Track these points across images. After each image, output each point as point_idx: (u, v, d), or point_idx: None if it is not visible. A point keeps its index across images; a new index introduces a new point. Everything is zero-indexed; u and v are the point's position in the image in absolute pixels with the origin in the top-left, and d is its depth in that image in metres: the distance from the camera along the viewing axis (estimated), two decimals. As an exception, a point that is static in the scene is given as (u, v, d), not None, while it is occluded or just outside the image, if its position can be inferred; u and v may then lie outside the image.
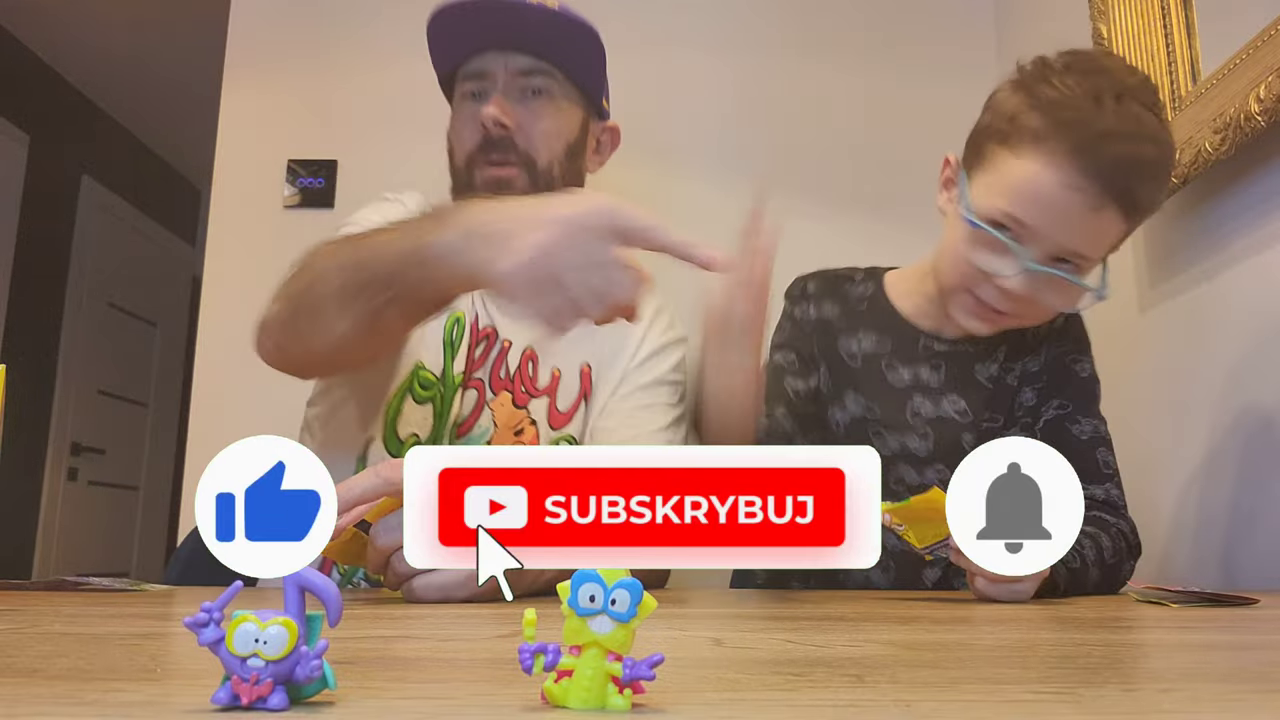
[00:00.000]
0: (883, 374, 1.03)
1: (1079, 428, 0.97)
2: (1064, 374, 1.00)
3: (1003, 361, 1.02)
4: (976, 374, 1.01)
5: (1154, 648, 0.46)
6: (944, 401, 1.01)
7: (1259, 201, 1.03)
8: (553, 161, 1.03)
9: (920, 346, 1.03)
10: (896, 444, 1.00)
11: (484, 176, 1.01)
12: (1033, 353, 1.01)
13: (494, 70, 1.03)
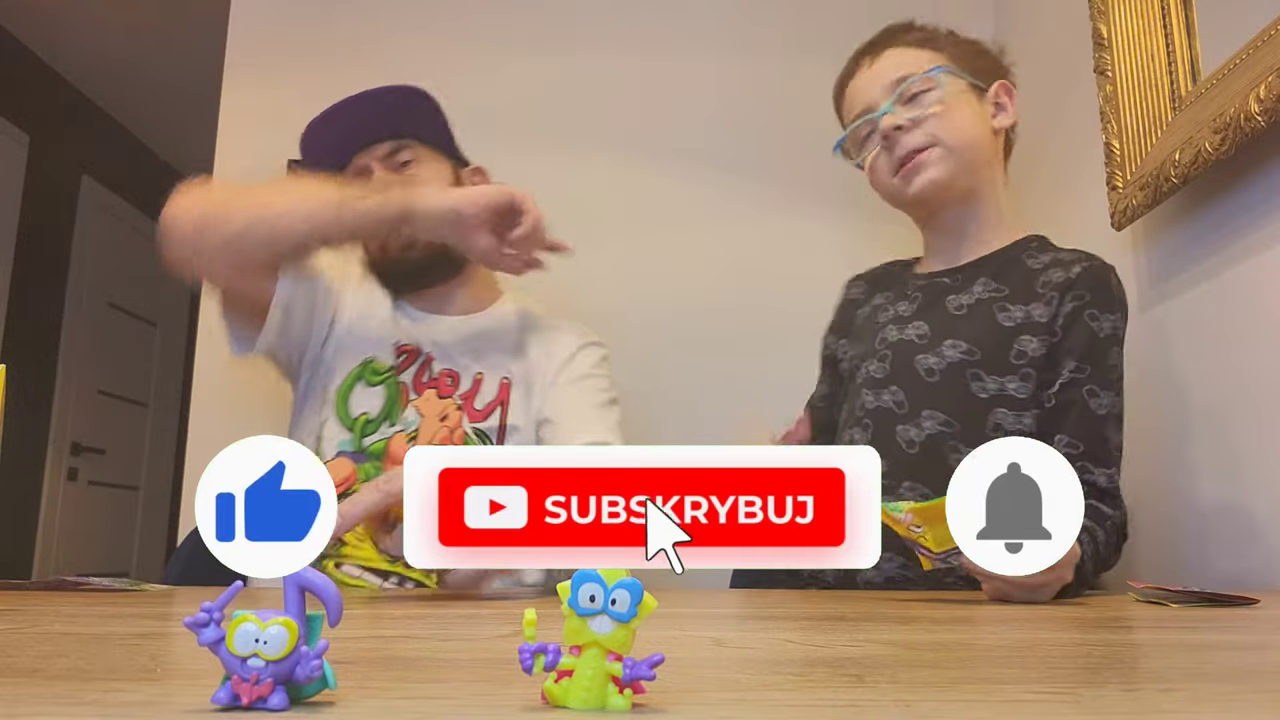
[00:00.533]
0: (876, 318, 1.12)
1: (1098, 400, 0.95)
2: (1082, 331, 0.97)
3: (986, 294, 1.03)
4: (948, 303, 1.05)
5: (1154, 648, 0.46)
6: (909, 327, 1.06)
7: (1259, 201, 1.03)
8: None
9: (908, 286, 1.11)
10: (863, 372, 1.07)
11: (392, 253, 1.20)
12: (1042, 300, 0.99)
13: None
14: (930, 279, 1.10)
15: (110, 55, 3.60)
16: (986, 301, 1.03)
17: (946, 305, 1.05)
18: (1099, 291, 0.98)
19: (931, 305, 1.07)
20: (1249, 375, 1.05)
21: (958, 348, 1.01)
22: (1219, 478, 1.10)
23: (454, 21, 1.84)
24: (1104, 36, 1.29)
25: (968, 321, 1.02)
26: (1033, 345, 0.98)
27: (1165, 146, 1.16)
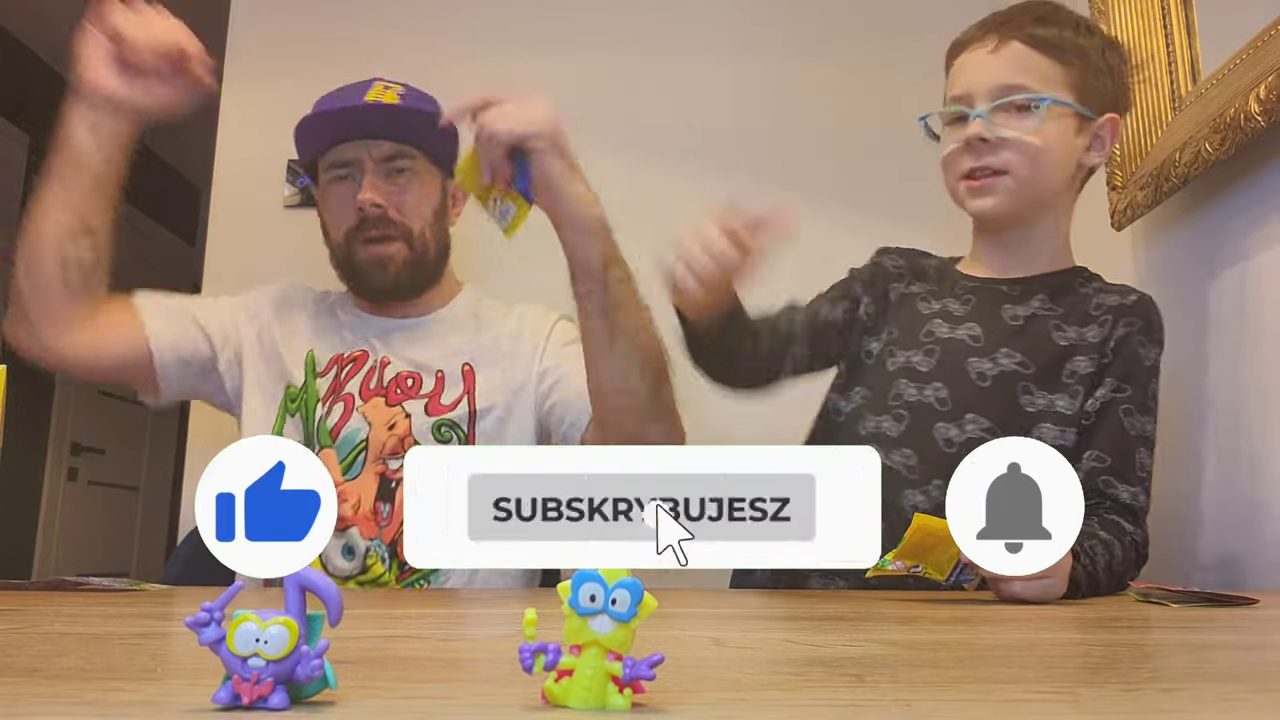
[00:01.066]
0: (915, 307, 1.08)
1: (1132, 420, 0.96)
2: (1129, 356, 0.98)
3: (1042, 310, 1.02)
4: (1003, 312, 1.04)
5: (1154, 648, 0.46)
6: (960, 328, 1.04)
7: (1259, 201, 1.03)
8: (424, 227, 1.17)
9: (955, 285, 1.09)
10: (903, 359, 1.04)
11: (366, 255, 1.15)
12: (1095, 322, 1.00)
13: (359, 157, 1.15)
14: (984, 284, 1.07)
15: (110, 55, 3.60)
16: (1042, 318, 1.02)
17: (1002, 314, 1.04)
18: (1150, 322, 1.00)
19: (986, 311, 1.05)
20: (1249, 375, 1.05)
21: (1013, 358, 1.00)
22: (1219, 477, 1.10)
23: (453, 21, 1.84)
24: (1104, 36, 1.29)
25: (1023, 335, 1.01)
26: (1084, 365, 0.99)
27: (1165, 146, 1.16)
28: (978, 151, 1.01)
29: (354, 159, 1.16)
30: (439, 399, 1.15)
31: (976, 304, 1.06)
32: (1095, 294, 1.03)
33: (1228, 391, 1.09)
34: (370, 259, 1.15)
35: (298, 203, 1.81)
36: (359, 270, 1.16)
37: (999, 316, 1.04)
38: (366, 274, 1.16)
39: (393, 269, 1.15)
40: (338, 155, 1.17)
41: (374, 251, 1.15)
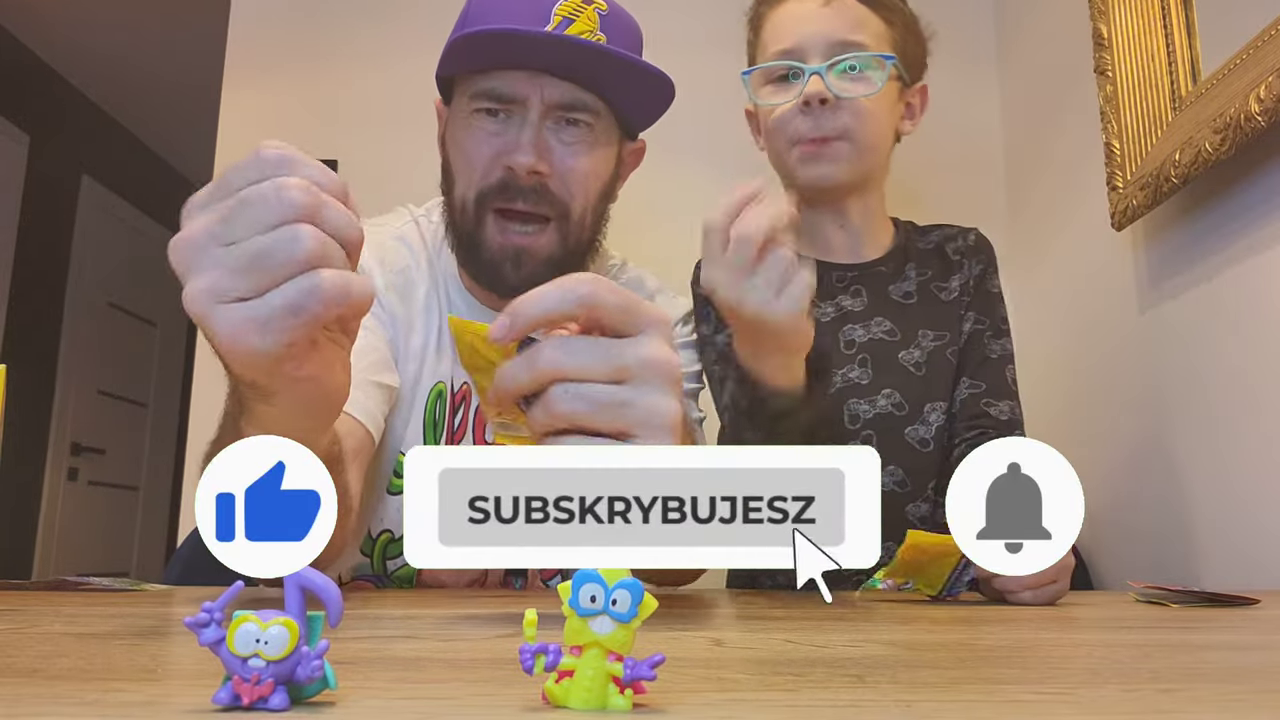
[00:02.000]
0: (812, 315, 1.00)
1: (996, 344, 1.02)
2: (982, 290, 1.04)
3: (920, 278, 1.05)
4: (891, 293, 1.04)
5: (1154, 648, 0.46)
6: (873, 325, 1.03)
7: (1259, 201, 1.03)
8: (586, 208, 0.88)
9: (835, 280, 1.05)
10: (839, 379, 1.00)
11: (499, 241, 0.85)
12: (957, 270, 1.05)
13: (526, 96, 0.84)
14: (863, 270, 1.05)
15: (110, 55, 3.60)
16: (924, 285, 1.05)
17: (892, 295, 1.04)
18: (991, 254, 1.07)
19: (880, 298, 1.04)
20: (1249, 375, 1.05)
21: (928, 335, 1.02)
22: (1219, 477, 1.10)
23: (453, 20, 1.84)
24: (1104, 36, 1.29)
25: (924, 310, 1.03)
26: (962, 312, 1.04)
27: (1165, 146, 1.16)
28: (816, 114, 0.95)
29: (518, 95, 0.84)
30: None
31: (868, 294, 1.04)
32: (941, 243, 1.07)
33: (1228, 391, 1.09)
34: (503, 248, 0.86)
35: (298, 203, 1.81)
36: (485, 258, 0.87)
37: (894, 300, 1.04)
38: (495, 265, 0.86)
39: (529, 265, 0.85)
40: (495, 84, 0.85)
41: (511, 239, 0.85)
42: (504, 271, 0.86)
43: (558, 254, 0.86)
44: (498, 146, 0.85)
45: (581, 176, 0.87)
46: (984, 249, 1.07)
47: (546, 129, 0.85)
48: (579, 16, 0.83)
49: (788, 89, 0.97)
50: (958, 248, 1.06)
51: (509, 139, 0.84)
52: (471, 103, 0.86)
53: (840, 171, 0.98)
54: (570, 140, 0.86)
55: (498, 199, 0.85)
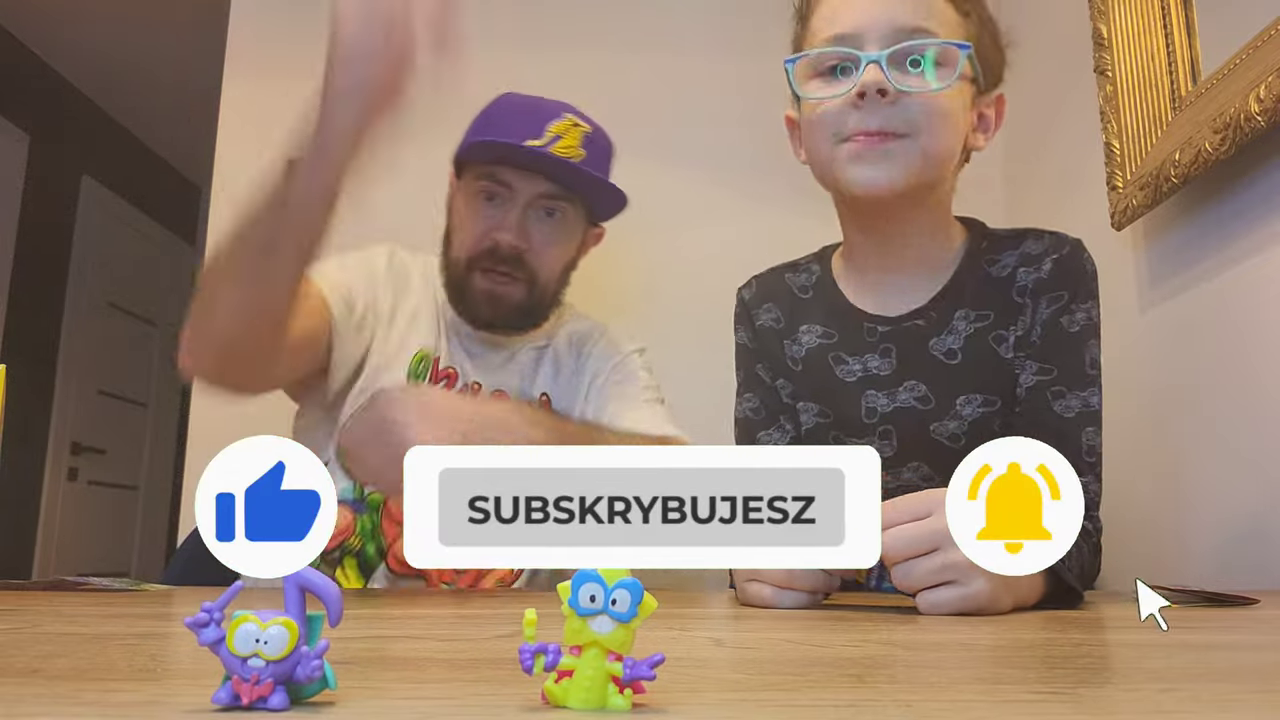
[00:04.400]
0: (831, 369, 0.90)
1: (1063, 402, 0.81)
2: (1054, 330, 0.84)
3: (971, 327, 0.86)
4: (932, 350, 0.87)
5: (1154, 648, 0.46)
6: (900, 391, 0.87)
7: (1259, 201, 1.03)
8: (551, 278, 1.13)
9: (865, 332, 0.89)
10: None
11: (484, 287, 1.09)
12: (1021, 311, 0.85)
13: (518, 187, 1.09)
14: (896, 325, 0.89)
15: (110, 55, 3.60)
16: (978, 337, 0.86)
17: (934, 354, 0.87)
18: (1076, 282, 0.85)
19: (915, 358, 0.87)
20: (1249, 375, 1.05)
21: (973, 402, 0.85)
22: (1219, 477, 1.10)
23: (454, 21, 1.84)
24: (1104, 36, 1.29)
25: (969, 369, 0.86)
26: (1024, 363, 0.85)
27: (1165, 146, 1.16)
28: (873, 107, 0.79)
29: (511, 184, 1.09)
30: None
31: (899, 353, 0.88)
32: (1010, 269, 0.87)
33: (1228, 391, 1.09)
34: (484, 293, 1.10)
35: (298, 203, 1.81)
36: (468, 297, 1.11)
37: (933, 359, 0.87)
38: (475, 304, 1.11)
39: (504, 308, 1.10)
40: (495, 172, 1.09)
41: (491, 288, 1.09)
42: (481, 310, 1.11)
43: (525, 304, 1.11)
44: (490, 224, 1.09)
45: (552, 255, 1.12)
46: (1064, 278, 0.84)
47: (529, 215, 1.09)
48: (567, 134, 1.08)
49: (839, 83, 0.81)
50: (1023, 283, 0.85)
51: (498, 220, 1.09)
52: (476, 183, 1.10)
53: (898, 175, 0.80)
54: (547, 227, 1.11)
55: (484, 262, 1.09)
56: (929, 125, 0.80)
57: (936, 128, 0.80)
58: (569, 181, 1.09)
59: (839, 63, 0.82)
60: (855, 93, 0.79)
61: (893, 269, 0.90)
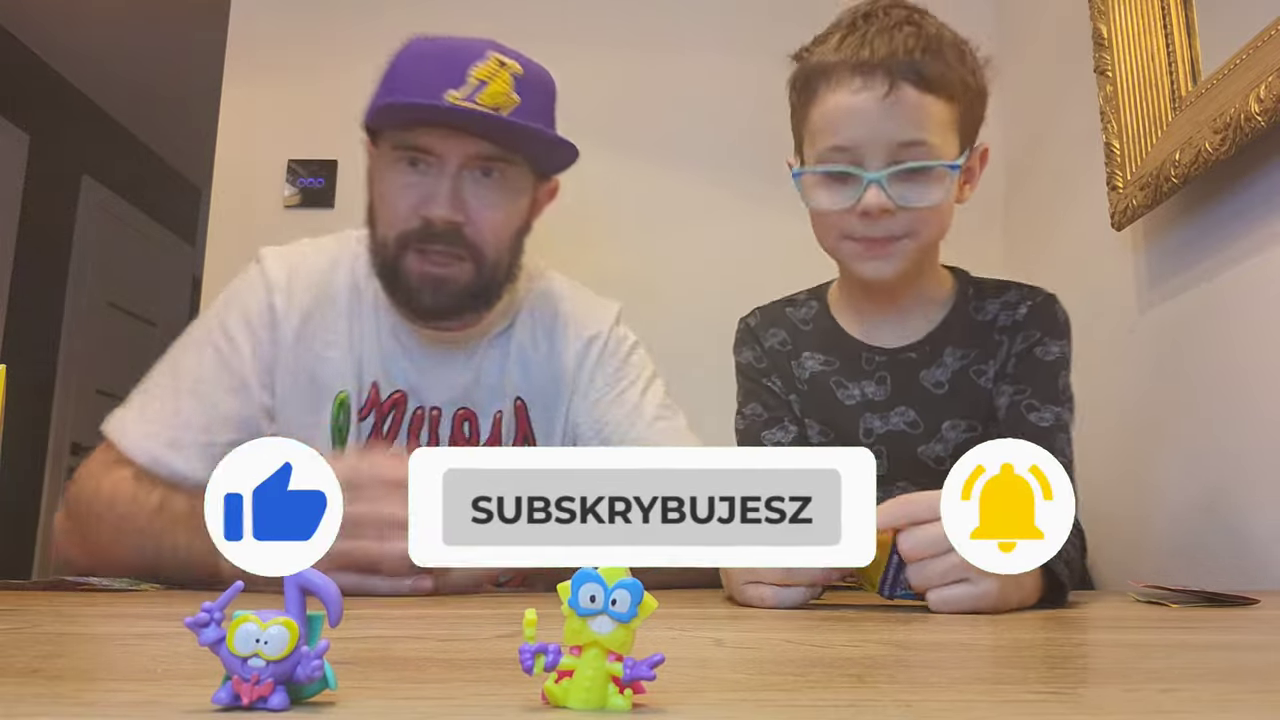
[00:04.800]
0: (832, 392, 0.99)
1: (1038, 415, 0.90)
2: (1029, 360, 0.94)
3: (958, 363, 0.96)
4: (922, 380, 0.97)
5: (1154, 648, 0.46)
6: (893, 415, 0.97)
7: (1259, 201, 1.03)
8: (501, 249, 0.96)
9: (863, 361, 0.99)
10: None
11: (419, 271, 0.93)
12: (999, 349, 0.96)
13: (442, 150, 0.91)
14: (892, 356, 0.98)
15: (110, 55, 3.60)
16: (962, 371, 0.96)
17: (923, 384, 0.97)
18: (1050, 324, 0.95)
19: (907, 387, 0.97)
20: (1249, 375, 1.05)
21: (957, 428, 0.94)
22: (1219, 477, 1.10)
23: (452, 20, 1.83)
24: (1104, 36, 1.29)
25: (956, 399, 0.95)
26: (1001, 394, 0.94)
27: (1165, 146, 1.16)
28: (875, 220, 0.89)
29: (434, 149, 0.92)
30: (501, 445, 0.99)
31: (894, 382, 0.97)
32: (992, 314, 0.97)
33: (1228, 391, 1.09)
34: (423, 277, 0.93)
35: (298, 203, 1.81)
36: (405, 285, 0.94)
37: (923, 389, 0.97)
38: (414, 292, 0.94)
39: (449, 292, 0.94)
40: (414, 138, 0.92)
41: (431, 270, 0.93)
42: (422, 298, 0.94)
43: (474, 285, 0.95)
44: (416, 196, 0.92)
45: (496, 223, 0.94)
46: (1036, 322, 0.95)
47: (463, 180, 0.92)
48: (494, 79, 0.90)
49: (841, 190, 0.90)
50: (1002, 324, 0.96)
51: (426, 190, 0.92)
52: (394, 152, 0.94)
53: (901, 268, 0.92)
54: (485, 190, 0.93)
55: (417, 242, 0.93)
56: (925, 227, 0.91)
57: (932, 225, 0.91)
58: (503, 139, 0.92)
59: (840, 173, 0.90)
60: (860, 209, 0.88)
61: (889, 312, 0.99)
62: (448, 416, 0.99)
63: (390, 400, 0.98)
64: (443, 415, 0.99)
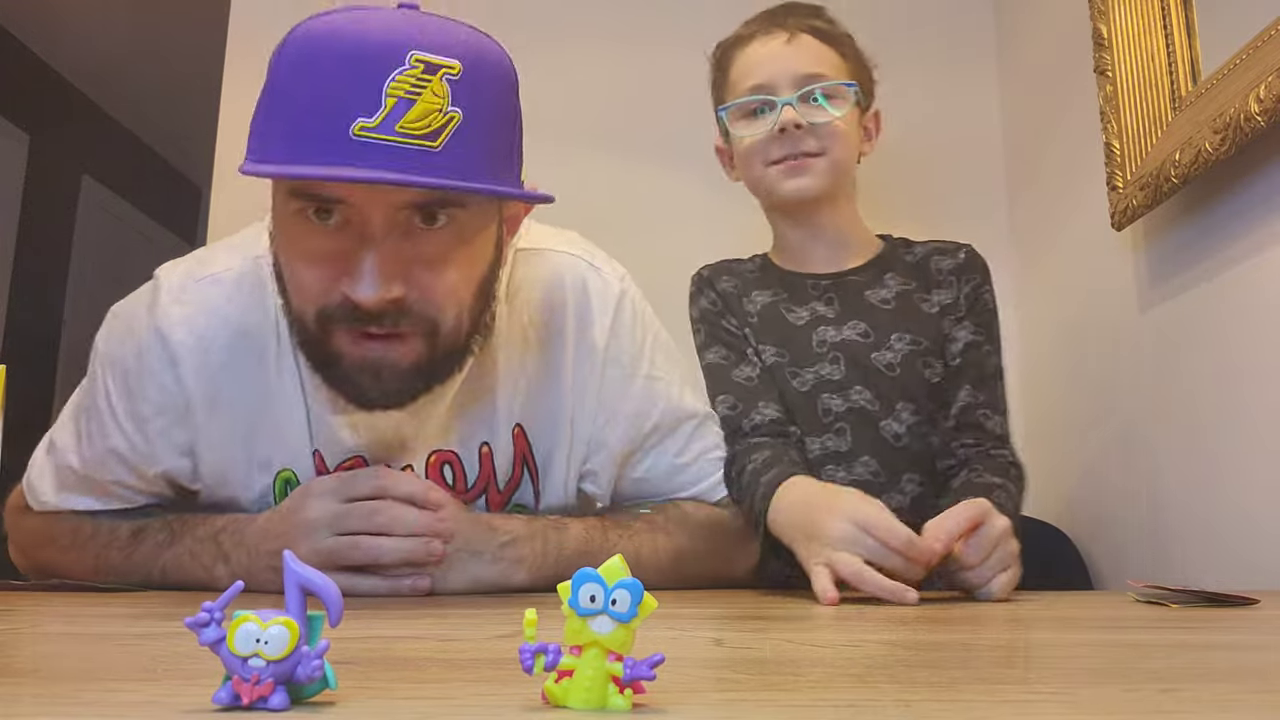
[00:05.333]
0: (783, 316, 1.10)
1: (993, 359, 1.06)
2: (978, 303, 1.09)
3: (900, 287, 1.09)
4: (868, 298, 1.09)
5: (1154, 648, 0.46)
6: (844, 328, 1.08)
7: (1259, 201, 1.03)
8: (461, 313, 0.74)
9: (809, 287, 1.12)
10: (812, 376, 1.07)
11: (355, 355, 0.71)
12: (943, 285, 1.09)
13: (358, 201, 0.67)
14: (837, 279, 1.12)
15: (110, 55, 3.60)
16: (906, 295, 1.09)
17: (869, 300, 1.09)
18: (985, 270, 1.11)
19: (854, 303, 1.10)
20: (1249, 375, 1.05)
21: (903, 339, 1.06)
22: (1219, 477, 1.10)
23: (454, 21, 1.84)
24: (1104, 36, 1.29)
25: (901, 315, 1.08)
26: (949, 325, 1.08)
27: (1165, 146, 1.16)
28: (791, 138, 1.06)
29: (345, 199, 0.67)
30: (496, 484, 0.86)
31: (841, 300, 1.10)
32: (928, 257, 1.12)
33: (1228, 391, 1.09)
34: (361, 363, 0.72)
35: (298, 203, 1.81)
36: (338, 371, 0.74)
37: (869, 305, 1.09)
38: (350, 378, 0.73)
39: (394, 375, 0.73)
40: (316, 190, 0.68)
41: (369, 355, 0.72)
42: (363, 385, 0.73)
43: (425, 362, 0.73)
44: (333, 271, 0.69)
45: (449, 288, 0.72)
46: (976, 266, 1.11)
47: (394, 239, 0.68)
48: (422, 92, 0.64)
49: (761, 120, 1.08)
50: (945, 266, 1.11)
51: (344, 262, 0.68)
52: (291, 201, 0.69)
53: (816, 184, 1.07)
54: (431, 245, 0.70)
55: (344, 322, 0.70)
56: (833, 144, 1.07)
57: (839, 144, 1.08)
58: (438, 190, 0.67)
59: (759, 106, 1.09)
60: (777, 129, 1.06)
61: (822, 251, 1.13)
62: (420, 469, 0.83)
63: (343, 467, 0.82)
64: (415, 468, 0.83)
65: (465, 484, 0.85)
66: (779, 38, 1.09)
